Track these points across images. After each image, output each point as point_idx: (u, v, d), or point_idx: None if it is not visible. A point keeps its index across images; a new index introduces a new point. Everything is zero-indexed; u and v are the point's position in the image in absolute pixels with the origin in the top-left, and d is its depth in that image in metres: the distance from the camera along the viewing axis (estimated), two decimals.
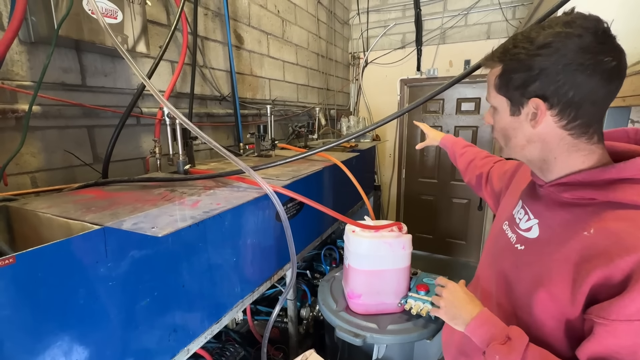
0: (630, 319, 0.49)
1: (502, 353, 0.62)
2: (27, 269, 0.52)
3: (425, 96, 0.98)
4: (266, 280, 1.19)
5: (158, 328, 0.77)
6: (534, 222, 0.69)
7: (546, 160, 0.63)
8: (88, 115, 1.14)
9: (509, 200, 0.86)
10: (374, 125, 1.06)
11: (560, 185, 0.63)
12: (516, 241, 0.73)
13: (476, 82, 3.12)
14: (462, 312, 0.75)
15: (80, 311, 0.60)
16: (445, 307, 0.79)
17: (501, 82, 0.62)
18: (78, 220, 0.65)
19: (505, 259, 0.74)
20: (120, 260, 0.66)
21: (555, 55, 0.54)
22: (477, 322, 0.71)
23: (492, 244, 0.85)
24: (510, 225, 0.78)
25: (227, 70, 1.77)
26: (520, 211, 0.75)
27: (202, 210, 0.70)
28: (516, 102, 0.61)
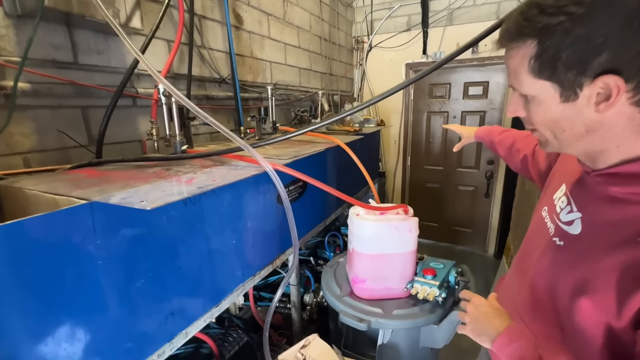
0: None
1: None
2: (6, 243, 0.48)
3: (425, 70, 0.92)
4: (268, 265, 1.16)
5: (154, 310, 0.74)
6: (576, 215, 0.59)
7: (605, 150, 0.52)
8: (81, 95, 1.10)
9: (552, 181, 0.76)
10: (373, 100, 1.00)
11: (608, 175, 0.53)
12: (554, 233, 0.64)
13: (484, 64, 3.02)
14: (488, 328, 0.67)
15: (68, 291, 0.57)
16: (471, 322, 0.71)
17: (542, 63, 0.48)
18: (65, 195, 0.61)
19: (545, 254, 0.65)
20: (110, 238, 0.62)
21: (620, 12, 0.42)
22: (504, 340, 0.63)
23: (532, 234, 0.76)
24: (549, 213, 0.68)
25: (227, 51, 1.71)
26: (563, 199, 0.65)
27: (196, 186, 0.66)
28: (570, 85, 0.48)
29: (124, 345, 0.68)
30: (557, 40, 0.46)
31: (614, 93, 0.45)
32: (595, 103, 0.47)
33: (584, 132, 0.51)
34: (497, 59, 2.93)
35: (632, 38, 0.42)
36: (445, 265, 1.27)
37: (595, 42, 0.44)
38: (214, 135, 1.69)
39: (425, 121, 3.42)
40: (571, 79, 0.47)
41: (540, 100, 0.52)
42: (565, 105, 0.50)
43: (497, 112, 3.09)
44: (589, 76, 0.46)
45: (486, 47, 2.93)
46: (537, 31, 0.47)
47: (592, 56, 0.44)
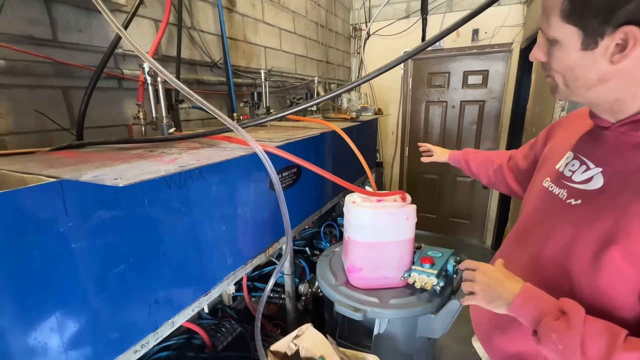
0: None
1: (558, 330, 0.53)
2: None
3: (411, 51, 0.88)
4: (260, 253, 1.12)
5: (136, 299, 0.69)
6: (595, 171, 0.60)
7: (621, 99, 0.54)
8: (62, 75, 1.04)
9: (548, 157, 0.78)
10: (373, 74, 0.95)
11: (633, 123, 0.54)
12: (568, 196, 0.64)
13: (484, 52, 2.96)
14: (502, 292, 0.63)
15: (39, 276, 0.53)
16: (482, 290, 0.67)
17: (573, 6, 0.50)
18: (34, 174, 0.56)
19: (556, 219, 0.65)
20: (84, 221, 0.58)
21: None
22: (522, 299, 0.60)
23: (534, 208, 0.74)
24: (555, 181, 0.69)
25: (218, 34, 1.64)
26: (574, 162, 0.66)
27: (179, 165, 0.62)
28: (592, 32, 0.49)
29: (104, 335, 0.64)
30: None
31: (630, 44, 0.47)
32: (611, 54, 0.49)
33: (596, 81, 0.53)
34: (497, 46, 2.87)
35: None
36: (444, 253, 1.24)
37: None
38: (205, 121, 1.63)
39: (424, 111, 3.37)
40: (595, 26, 0.49)
41: (562, 45, 0.54)
42: (584, 54, 0.52)
43: (496, 102, 3.04)
44: (612, 25, 0.47)
45: (486, 35, 2.87)
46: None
47: (620, 5, 0.45)
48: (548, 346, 0.55)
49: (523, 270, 0.69)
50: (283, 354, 0.96)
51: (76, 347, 0.59)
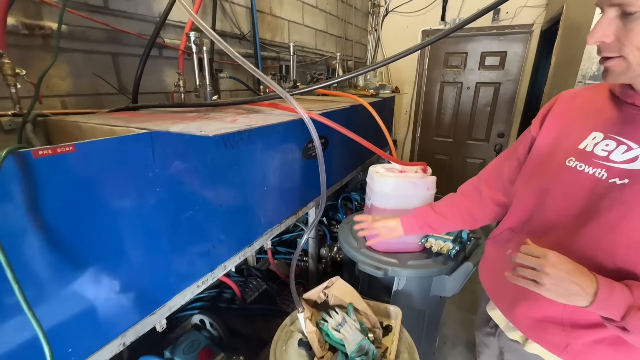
0: None
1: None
2: (84, 160, 0.53)
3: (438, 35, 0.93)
4: (292, 215, 1.22)
5: (200, 241, 0.80)
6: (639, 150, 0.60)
7: None
8: (112, 41, 1.10)
9: (560, 141, 0.74)
10: (387, 61, 1.02)
11: None
12: (610, 175, 0.62)
13: (504, 33, 2.93)
14: (580, 287, 0.59)
15: (132, 212, 0.62)
16: (554, 284, 0.60)
17: None
18: (124, 126, 0.65)
19: (600, 198, 0.63)
20: (166, 168, 0.67)
21: None
22: (606, 292, 0.57)
23: (556, 189, 0.71)
24: (584, 160, 0.67)
25: (247, 6, 1.67)
26: (607, 142, 0.65)
27: (244, 124, 0.70)
28: None
29: (178, 267, 0.75)
30: None
31: None
32: None
33: None
34: (517, 27, 2.84)
35: None
36: None
37: None
38: (233, 92, 1.69)
39: (438, 91, 3.38)
40: None
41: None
42: None
43: (512, 84, 3.05)
44: None
45: (507, 15, 2.84)
46: None
47: None
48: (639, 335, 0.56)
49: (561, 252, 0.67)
50: (314, 302, 1.08)
51: (157, 274, 0.70)
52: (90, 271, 0.57)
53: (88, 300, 0.58)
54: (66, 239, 0.53)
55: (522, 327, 0.77)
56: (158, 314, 0.72)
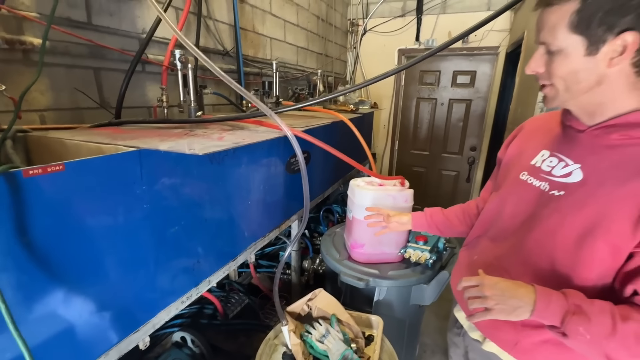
0: None
1: (583, 323, 0.59)
2: (73, 178, 0.54)
3: (418, 57, 1.01)
4: (275, 228, 1.24)
5: (184, 257, 0.81)
6: (574, 167, 0.68)
7: (603, 102, 0.62)
8: (94, 56, 1.10)
9: (519, 155, 0.84)
10: (372, 80, 1.08)
11: (607, 127, 0.63)
12: (551, 188, 0.71)
13: (473, 54, 3.14)
14: (519, 300, 0.64)
15: (119, 229, 0.63)
16: (498, 304, 0.65)
17: (579, 19, 0.57)
18: (111, 144, 0.66)
19: (542, 207, 0.71)
20: (153, 185, 0.68)
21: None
22: (543, 302, 0.62)
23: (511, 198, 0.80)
24: (533, 174, 0.76)
25: (231, 24, 1.72)
26: (551, 159, 0.74)
27: (231, 142, 0.73)
28: (596, 40, 0.57)
29: (162, 283, 0.75)
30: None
31: (629, 48, 0.55)
32: (610, 58, 0.57)
33: (594, 84, 0.61)
34: (485, 49, 3.05)
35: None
36: None
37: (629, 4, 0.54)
38: (216, 107, 1.71)
39: (415, 107, 3.54)
40: (599, 34, 0.57)
41: (567, 53, 0.61)
42: (587, 59, 0.60)
43: (482, 101, 3.25)
44: (614, 32, 0.55)
45: (476, 38, 3.05)
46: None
47: (622, 15, 0.54)
48: (577, 338, 0.60)
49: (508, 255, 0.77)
50: (297, 314, 1.09)
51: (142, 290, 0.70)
52: (75, 289, 0.57)
53: (73, 319, 0.58)
54: (53, 257, 0.53)
55: (480, 327, 0.84)
56: (142, 331, 0.72)
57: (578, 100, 0.65)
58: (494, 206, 0.87)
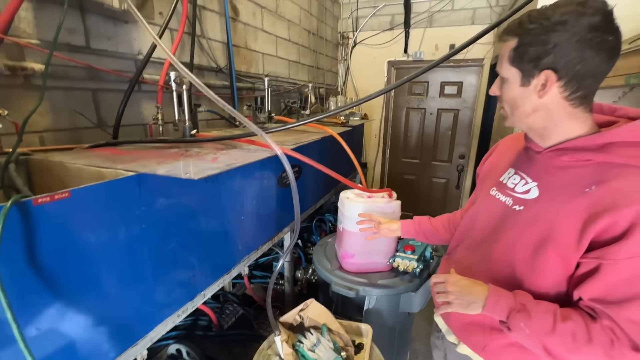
0: (632, 256, 0.59)
1: (524, 319, 0.67)
2: (77, 204, 0.58)
3: (409, 76, 1.08)
4: (268, 241, 1.28)
5: (181, 272, 0.85)
6: (532, 184, 0.76)
7: (547, 127, 0.71)
8: (93, 78, 1.15)
9: (491, 171, 0.94)
10: (360, 101, 1.14)
11: (558, 150, 0.71)
12: (513, 203, 0.78)
13: (459, 66, 3.25)
14: (475, 297, 0.74)
15: (120, 249, 0.67)
16: (457, 299, 0.77)
17: (515, 54, 0.67)
18: (111, 168, 0.70)
19: (505, 221, 0.79)
20: (151, 206, 0.73)
21: (570, 31, 0.60)
22: (493, 300, 0.72)
23: (481, 212, 0.89)
24: (501, 190, 0.84)
25: (224, 41, 1.78)
26: (515, 177, 0.82)
27: (224, 164, 0.78)
28: (527, 73, 0.67)
29: (160, 297, 0.79)
30: (528, 40, 0.65)
31: (549, 84, 0.65)
32: (539, 90, 0.67)
33: (530, 111, 0.70)
34: (471, 61, 3.17)
35: (570, 50, 0.62)
36: (422, 242, 1.46)
37: (549, 46, 0.63)
38: (210, 122, 1.76)
39: (404, 116, 3.63)
40: (529, 69, 0.67)
41: (510, 82, 0.71)
42: (522, 89, 0.69)
43: (469, 111, 3.35)
44: (539, 69, 0.65)
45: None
46: (521, 31, 0.67)
47: (544, 55, 0.64)
48: (518, 332, 0.69)
49: (478, 264, 0.85)
50: (290, 325, 1.13)
51: (141, 305, 0.74)
52: (77, 307, 0.61)
53: (75, 335, 0.61)
54: (58, 277, 0.57)
55: (454, 330, 0.91)
56: (140, 345, 0.75)
57: (524, 123, 0.74)
58: (469, 218, 0.95)
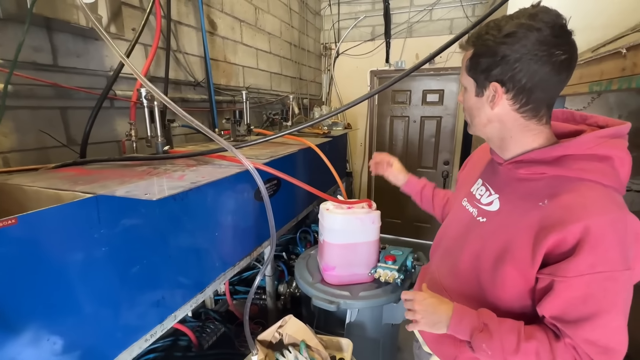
0: (582, 274, 0.58)
1: (486, 340, 0.67)
2: (27, 231, 0.56)
3: (387, 82, 1.08)
4: (246, 256, 1.26)
5: (148, 295, 0.82)
6: (495, 196, 0.76)
7: (504, 138, 0.71)
8: (61, 96, 1.13)
9: (465, 180, 0.95)
10: (342, 108, 1.14)
11: (516, 162, 0.71)
12: (478, 214, 0.79)
13: (440, 74, 3.32)
14: (439, 316, 0.75)
15: (77, 275, 0.64)
16: (423, 318, 0.77)
17: (471, 64, 0.69)
18: (69, 190, 0.68)
19: (470, 232, 0.80)
20: (112, 228, 0.70)
21: (517, 44, 0.61)
22: (456, 320, 0.73)
23: (456, 223, 0.89)
24: (470, 201, 0.85)
25: (201, 55, 1.78)
26: (481, 188, 0.82)
27: (190, 182, 0.76)
28: (481, 84, 0.68)
29: (124, 323, 0.76)
30: (482, 50, 0.66)
31: (497, 96, 0.66)
32: (490, 101, 0.68)
33: (485, 121, 0.72)
34: (450, 69, 3.23)
35: (516, 64, 0.62)
36: (404, 252, 1.45)
37: (497, 58, 0.64)
38: (188, 136, 1.75)
39: (389, 125, 3.67)
40: (481, 79, 0.68)
41: (467, 91, 0.73)
42: (477, 99, 0.71)
43: (451, 118, 3.41)
44: (489, 80, 0.67)
45: (441, 59, 3.23)
46: (476, 42, 0.68)
47: (493, 67, 0.65)
48: (481, 353, 0.69)
49: (449, 272, 0.85)
50: (269, 343, 1.10)
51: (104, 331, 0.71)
52: (32, 338, 0.58)
53: None
54: (8, 308, 0.54)
55: (427, 341, 0.91)
56: None
57: (483, 133, 0.75)
58: (443, 227, 0.96)
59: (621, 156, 0.63)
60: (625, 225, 0.59)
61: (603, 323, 0.59)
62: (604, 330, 0.59)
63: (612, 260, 0.57)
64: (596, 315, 0.59)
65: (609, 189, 0.62)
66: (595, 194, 0.61)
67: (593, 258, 0.58)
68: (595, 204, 0.60)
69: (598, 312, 0.59)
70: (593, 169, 0.63)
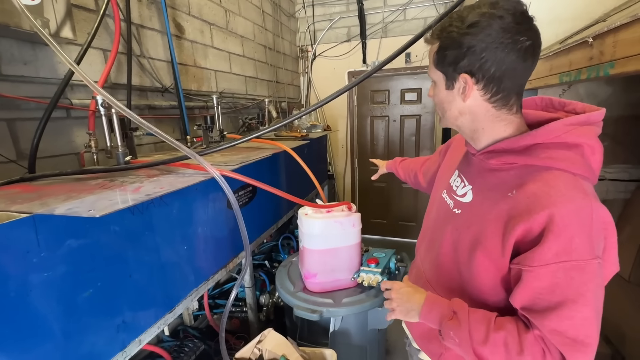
0: (547, 264, 0.57)
1: (454, 328, 0.67)
2: None
3: (358, 78, 1.05)
4: (221, 269, 1.19)
5: (105, 319, 0.74)
6: (468, 188, 0.76)
7: (476, 130, 0.70)
8: (6, 107, 1.03)
9: (444, 171, 0.94)
10: (316, 105, 1.10)
11: (487, 153, 0.70)
12: (454, 206, 0.79)
13: (417, 73, 3.34)
14: (412, 305, 0.78)
15: (12, 305, 0.57)
16: (398, 306, 0.81)
17: (438, 58, 0.67)
18: (3, 210, 0.60)
19: (447, 224, 0.79)
20: (55, 250, 0.63)
21: (481, 34, 0.60)
22: (427, 308, 0.74)
23: (434, 214, 0.89)
24: (448, 193, 0.84)
25: (168, 60, 1.70)
26: (457, 179, 0.82)
27: (144, 194, 0.70)
28: (450, 77, 0.67)
29: (76, 356, 0.68)
30: (447, 43, 0.65)
31: (468, 87, 0.65)
32: (461, 93, 0.67)
33: (457, 114, 0.70)
34: (427, 68, 3.26)
35: (483, 53, 0.61)
36: (387, 253, 1.42)
37: (463, 50, 0.62)
38: (158, 145, 1.66)
39: (369, 125, 3.66)
40: (450, 72, 0.67)
41: (437, 85, 0.72)
42: (447, 92, 0.69)
43: (430, 116, 3.43)
44: (458, 72, 0.65)
45: (417, 57, 3.26)
46: (441, 35, 0.66)
47: (461, 58, 0.63)
48: (449, 341, 0.69)
49: (431, 265, 0.84)
50: (248, 359, 1.04)
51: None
52: None
53: None
54: None
55: (415, 337, 0.90)
56: None
57: (455, 125, 0.73)
58: (426, 221, 0.95)
59: (591, 144, 0.62)
60: (591, 214, 0.57)
61: (570, 314, 0.56)
62: (571, 322, 0.56)
63: (578, 249, 0.56)
64: (562, 305, 0.56)
65: (578, 177, 0.61)
66: (562, 182, 0.59)
67: (558, 247, 0.56)
68: (560, 192, 0.58)
69: (564, 302, 0.56)
70: (561, 157, 0.61)
